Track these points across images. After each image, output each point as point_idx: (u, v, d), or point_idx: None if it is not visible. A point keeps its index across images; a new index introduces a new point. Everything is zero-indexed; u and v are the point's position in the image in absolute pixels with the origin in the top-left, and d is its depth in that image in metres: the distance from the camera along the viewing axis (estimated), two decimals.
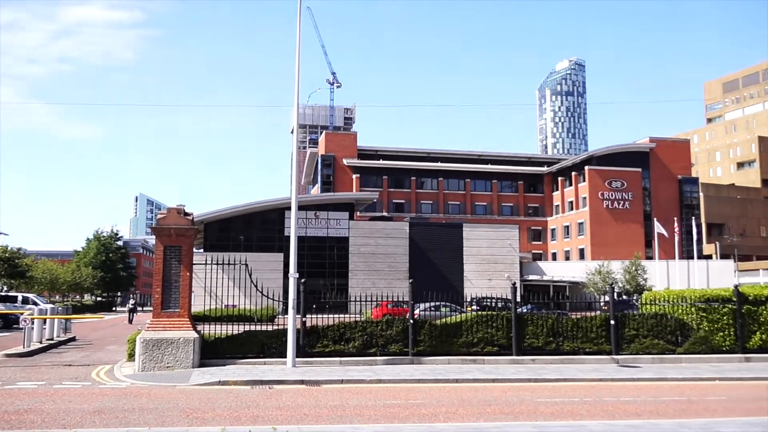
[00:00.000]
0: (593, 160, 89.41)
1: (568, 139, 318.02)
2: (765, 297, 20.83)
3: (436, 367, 18.39)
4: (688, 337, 20.33)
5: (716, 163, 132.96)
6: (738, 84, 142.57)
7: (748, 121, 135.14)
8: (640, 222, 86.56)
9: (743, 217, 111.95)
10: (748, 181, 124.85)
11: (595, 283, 62.97)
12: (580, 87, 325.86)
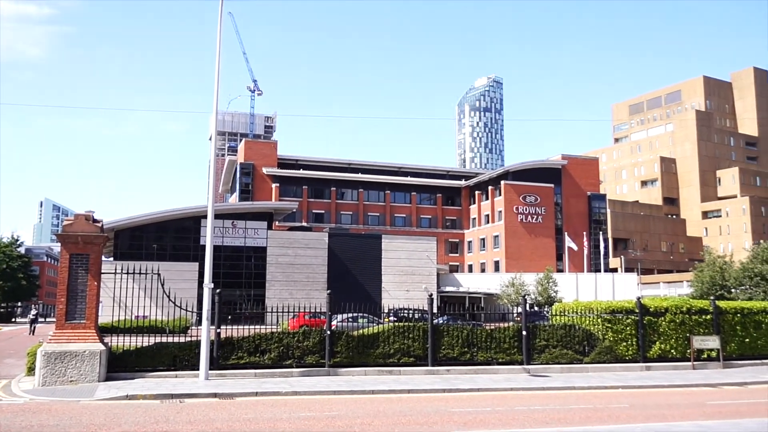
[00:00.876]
0: (509, 175, 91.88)
1: (486, 154, 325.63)
2: (664, 309, 21.93)
3: (353, 379, 18.37)
4: (594, 347, 21.14)
5: (622, 181, 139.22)
6: (643, 107, 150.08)
7: (651, 142, 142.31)
8: (552, 236, 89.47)
9: (646, 233, 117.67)
10: (651, 198, 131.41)
11: (509, 294, 64.55)
12: (498, 104, 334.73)
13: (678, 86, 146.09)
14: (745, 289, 45.12)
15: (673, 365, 21.43)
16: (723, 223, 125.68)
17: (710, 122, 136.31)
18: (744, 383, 18.93)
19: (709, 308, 22.51)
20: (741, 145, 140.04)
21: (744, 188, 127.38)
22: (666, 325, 21.75)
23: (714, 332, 22.17)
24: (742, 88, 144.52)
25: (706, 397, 16.34)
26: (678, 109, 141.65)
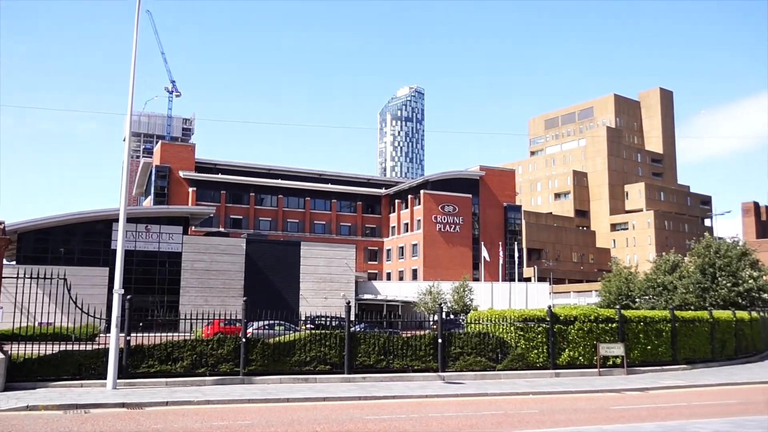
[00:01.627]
0: (428, 184, 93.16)
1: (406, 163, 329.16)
2: (573, 317, 22.75)
3: (268, 387, 18.15)
4: (507, 354, 21.69)
5: (537, 193, 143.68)
6: (558, 122, 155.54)
7: (565, 156, 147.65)
8: (469, 245, 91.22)
9: (558, 244, 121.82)
10: (563, 210, 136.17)
11: (426, 302, 65.32)
12: (419, 114, 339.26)
13: (591, 103, 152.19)
14: (649, 299, 47.28)
15: (580, 372, 22.24)
16: (630, 236, 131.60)
17: (620, 139, 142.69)
18: (645, 389, 19.84)
19: (615, 317, 23.50)
20: (647, 162, 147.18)
21: (649, 203, 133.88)
22: (575, 333, 22.56)
23: (619, 340, 23.15)
24: (649, 107, 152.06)
25: (610, 402, 17.04)
26: (590, 125, 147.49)
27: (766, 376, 23.82)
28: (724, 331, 28.15)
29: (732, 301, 40.84)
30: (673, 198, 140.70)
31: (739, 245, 45.53)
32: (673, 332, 25.04)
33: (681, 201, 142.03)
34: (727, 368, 26.27)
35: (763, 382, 22.38)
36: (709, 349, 26.86)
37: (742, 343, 29.74)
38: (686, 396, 18.63)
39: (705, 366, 26.01)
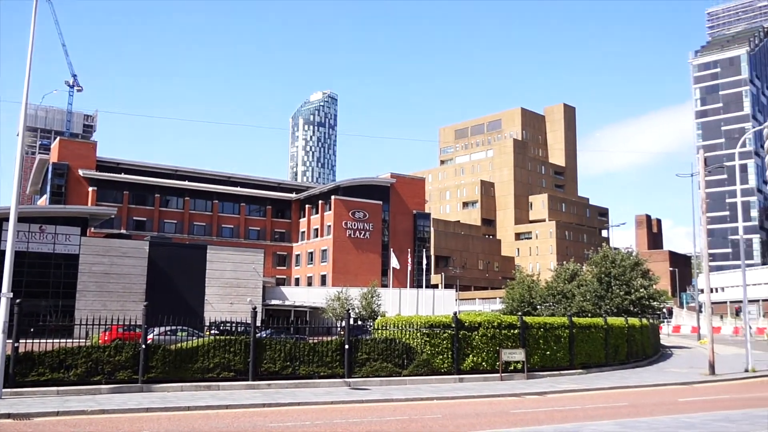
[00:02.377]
0: (339, 190, 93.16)
1: (318, 168, 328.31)
2: (478, 323, 23.28)
3: (168, 395, 17.58)
4: (413, 360, 21.92)
5: (446, 201, 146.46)
6: (467, 132, 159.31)
7: (474, 166, 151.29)
8: (378, 251, 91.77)
9: (465, 251, 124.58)
10: (471, 219, 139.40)
11: (335, 308, 65.19)
12: (332, 119, 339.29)
13: (499, 115, 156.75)
14: (549, 306, 49.10)
15: (483, 377, 22.76)
16: (533, 245, 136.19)
17: (525, 151, 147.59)
18: (544, 393, 20.51)
19: (517, 323, 24.21)
20: (550, 174, 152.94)
21: (552, 213, 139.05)
22: (479, 339, 23.08)
23: (520, 346, 23.86)
24: (554, 121, 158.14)
25: (510, 406, 17.50)
26: (498, 137, 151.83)
27: (654, 379, 25.14)
28: (617, 337, 29.55)
29: (625, 309, 42.97)
30: (574, 209, 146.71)
31: (633, 256, 48.03)
32: (571, 338, 26.04)
33: (581, 212, 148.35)
34: (620, 372, 27.57)
35: (651, 385, 23.63)
36: (603, 354, 28.10)
37: (633, 348, 31.31)
38: (581, 399, 19.38)
39: (599, 370, 27.19)
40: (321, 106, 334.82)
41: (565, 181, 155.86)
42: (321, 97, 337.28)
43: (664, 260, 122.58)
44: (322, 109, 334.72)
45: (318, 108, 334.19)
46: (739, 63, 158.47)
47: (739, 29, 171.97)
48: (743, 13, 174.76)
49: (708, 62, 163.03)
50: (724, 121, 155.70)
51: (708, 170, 32.89)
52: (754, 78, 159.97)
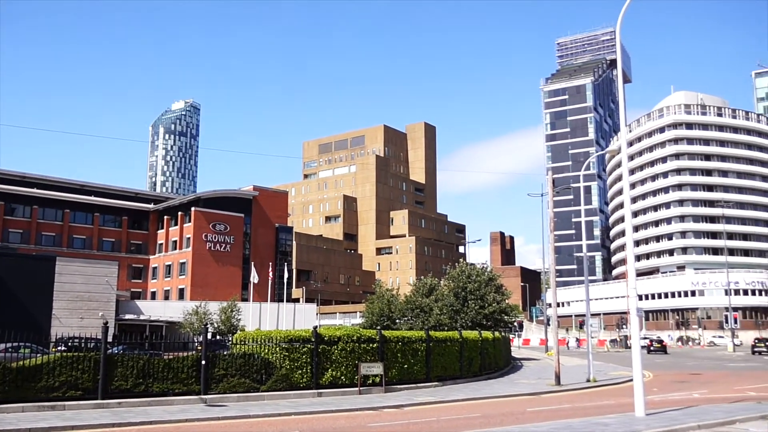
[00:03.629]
0: (200, 201, 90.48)
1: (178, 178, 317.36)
2: (337, 338, 23.44)
3: (7, 416, 16.28)
4: (272, 375, 21.67)
5: (309, 215, 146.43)
6: (331, 147, 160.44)
7: (337, 181, 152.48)
8: (239, 265, 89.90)
9: (327, 266, 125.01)
10: (333, 233, 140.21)
11: (192, 323, 63.06)
12: (194, 129, 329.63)
13: (362, 131, 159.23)
14: (408, 320, 50.17)
15: (342, 391, 22.89)
16: (393, 260, 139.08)
17: (387, 167, 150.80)
18: (401, 405, 20.96)
19: (376, 337, 24.61)
20: (411, 190, 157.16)
21: (411, 229, 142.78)
22: (338, 353, 23.22)
23: (379, 359, 24.26)
24: (415, 139, 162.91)
25: (368, 420, 17.76)
26: (361, 153, 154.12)
27: (505, 390, 26.41)
28: (471, 350, 30.78)
29: (479, 322, 44.81)
30: (433, 225, 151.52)
31: (487, 271, 50.27)
32: (428, 351, 26.82)
33: (439, 228, 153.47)
34: (473, 384, 28.69)
35: (502, 396, 24.79)
36: (458, 367, 29.16)
37: (486, 360, 32.73)
38: (437, 411, 19.97)
39: (454, 382, 28.15)
40: (183, 115, 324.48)
41: (425, 197, 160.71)
42: (183, 106, 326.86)
43: (516, 276, 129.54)
44: (183, 119, 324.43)
45: (180, 117, 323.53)
46: (585, 91, 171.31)
47: (585, 60, 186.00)
48: (589, 45, 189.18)
49: (557, 89, 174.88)
50: (572, 144, 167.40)
51: (556, 191, 35.17)
52: (597, 106, 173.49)
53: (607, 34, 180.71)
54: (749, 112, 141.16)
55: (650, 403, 19.28)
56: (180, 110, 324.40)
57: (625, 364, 42.35)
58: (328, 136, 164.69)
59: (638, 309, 18.24)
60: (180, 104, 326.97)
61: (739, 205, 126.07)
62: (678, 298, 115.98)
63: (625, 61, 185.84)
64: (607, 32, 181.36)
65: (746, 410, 18.50)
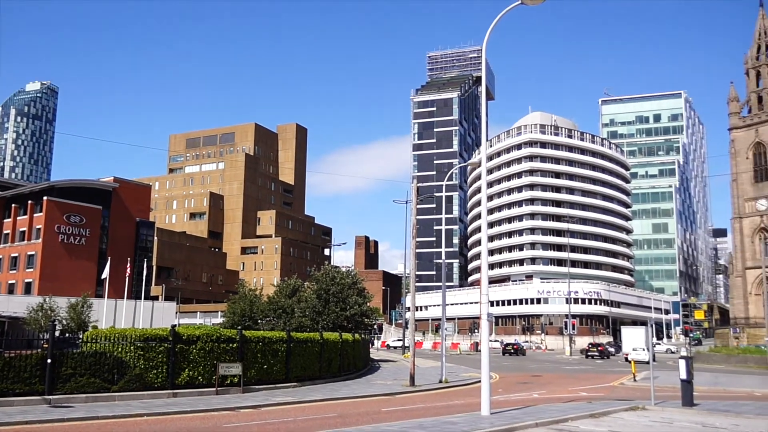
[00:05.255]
0: (54, 190, 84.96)
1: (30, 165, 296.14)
2: (196, 337, 23.04)
3: None
4: (125, 374, 20.93)
5: (173, 211, 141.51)
6: (200, 142, 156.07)
7: (204, 177, 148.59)
8: (95, 259, 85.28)
9: (189, 263, 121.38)
10: (197, 230, 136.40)
11: (38, 319, 59.11)
12: (51, 113, 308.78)
13: (233, 128, 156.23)
14: (270, 321, 49.94)
15: (199, 391, 22.51)
16: (258, 260, 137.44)
17: (257, 166, 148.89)
18: (258, 406, 20.95)
19: (236, 337, 24.41)
20: (280, 191, 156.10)
21: (278, 229, 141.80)
22: (197, 353, 22.82)
23: (238, 360, 24.08)
24: (286, 140, 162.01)
25: (224, 421, 17.64)
26: (230, 150, 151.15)
27: (362, 391, 27.04)
28: (331, 351, 31.22)
29: (340, 324, 45.46)
30: (300, 227, 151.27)
31: (351, 275, 51.07)
32: (288, 352, 26.94)
33: (306, 230, 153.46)
34: (332, 385, 29.13)
35: (359, 396, 25.38)
36: (317, 368, 29.49)
37: (345, 361, 33.30)
38: (294, 411, 20.16)
39: (313, 383, 28.45)
40: (38, 97, 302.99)
41: (293, 198, 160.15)
42: (39, 87, 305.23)
43: (379, 279, 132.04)
44: (39, 101, 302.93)
45: (34, 99, 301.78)
46: (451, 105, 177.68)
47: (453, 74, 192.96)
48: (458, 61, 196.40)
49: (426, 101, 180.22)
50: (437, 155, 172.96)
51: (420, 199, 36.43)
52: (462, 120, 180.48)
53: (475, 52, 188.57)
54: (595, 136, 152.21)
55: (495, 402, 20.52)
56: (35, 92, 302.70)
57: (476, 366, 44.45)
58: (196, 130, 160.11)
59: (489, 314, 19.36)
60: (35, 85, 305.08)
61: (582, 221, 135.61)
62: (525, 305, 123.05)
63: (490, 80, 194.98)
64: (475, 50, 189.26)
65: (577, 409, 20.18)
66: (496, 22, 19.27)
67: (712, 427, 17.71)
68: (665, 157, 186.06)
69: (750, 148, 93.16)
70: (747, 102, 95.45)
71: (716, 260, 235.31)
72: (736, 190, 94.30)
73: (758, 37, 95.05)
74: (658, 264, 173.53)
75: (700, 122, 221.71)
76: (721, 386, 32.81)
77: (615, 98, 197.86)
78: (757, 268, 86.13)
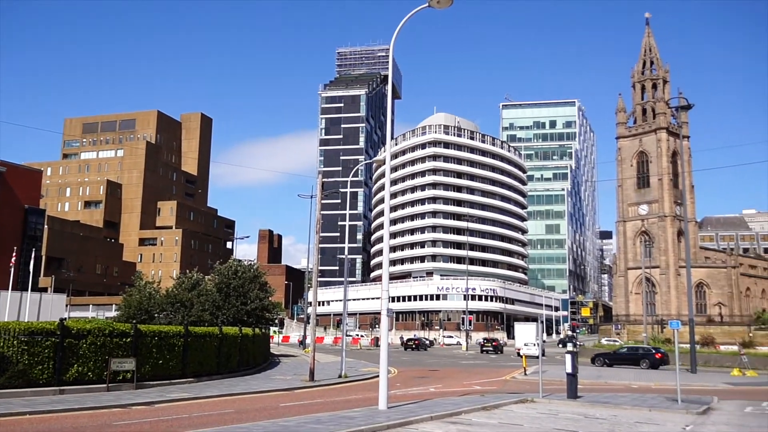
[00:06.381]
0: None
1: None
2: (87, 331, 22.17)
3: None
4: (6, 370, 19.88)
5: (66, 199, 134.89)
6: (97, 127, 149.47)
7: (101, 164, 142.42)
8: None
9: (83, 254, 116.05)
10: (93, 220, 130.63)
11: None
12: None
13: (134, 115, 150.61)
14: (168, 314, 48.50)
15: (88, 388, 21.68)
16: (157, 251, 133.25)
17: (159, 155, 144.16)
18: (152, 402, 20.40)
19: (131, 331, 23.68)
20: (182, 181, 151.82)
21: (179, 221, 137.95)
22: (87, 348, 21.96)
23: (132, 355, 23.36)
24: (190, 129, 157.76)
25: (114, 418, 17.08)
26: (131, 137, 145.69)
27: (260, 386, 26.82)
28: (230, 346, 30.80)
29: (240, 319, 44.84)
30: (202, 219, 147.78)
31: (253, 269, 50.44)
32: (185, 347, 26.38)
33: (208, 222, 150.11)
34: (229, 380, 28.74)
35: (258, 392, 25.18)
36: (216, 363, 29.03)
37: (245, 356, 32.94)
38: (190, 408, 19.78)
39: (210, 379, 28.00)
40: None
41: (196, 190, 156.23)
42: None
43: (282, 274, 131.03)
44: None
45: None
46: (359, 102, 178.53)
47: (362, 72, 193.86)
48: (366, 59, 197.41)
49: (334, 96, 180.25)
50: (343, 151, 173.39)
51: (324, 194, 36.47)
52: (369, 117, 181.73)
53: (383, 51, 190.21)
54: (495, 139, 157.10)
55: (393, 397, 20.93)
56: None
57: (376, 361, 44.94)
58: (94, 115, 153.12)
59: (389, 310, 19.73)
60: None
61: (481, 220, 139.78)
62: (425, 301, 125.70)
63: (397, 79, 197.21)
64: (384, 49, 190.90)
65: (471, 402, 20.91)
66: (403, 23, 19.61)
67: (593, 417, 18.83)
68: (559, 161, 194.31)
69: (634, 157, 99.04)
70: (633, 113, 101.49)
71: (602, 260, 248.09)
72: (621, 195, 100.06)
73: (644, 53, 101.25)
74: (550, 263, 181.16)
75: (591, 130, 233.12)
76: (603, 380, 34.78)
77: (515, 103, 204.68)
78: (637, 268, 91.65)
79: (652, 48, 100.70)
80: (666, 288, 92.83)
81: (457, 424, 16.61)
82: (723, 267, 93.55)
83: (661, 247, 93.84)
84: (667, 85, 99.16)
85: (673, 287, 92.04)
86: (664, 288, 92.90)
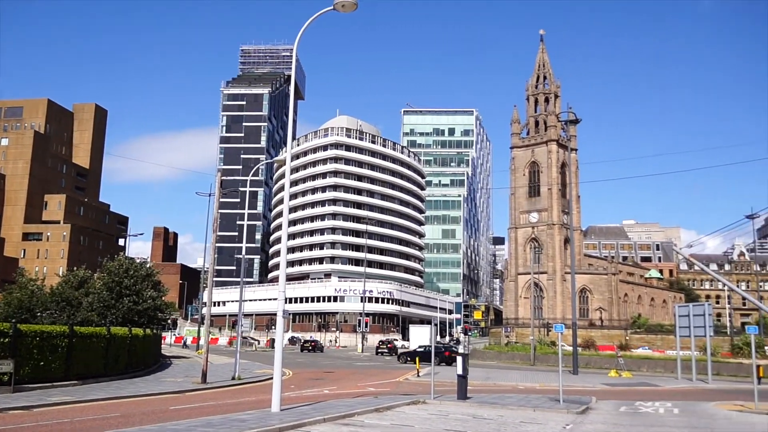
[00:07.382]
0: None
1: None
2: None
3: None
4: None
5: None
6: None
7: None
8: None
9: None
10: None
11: None
12: None
13: (21, 102, 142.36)
14: (52, 313, 46.25)
15: None
16: (43, 247, 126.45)
17: (47, 146, 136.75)
18: (31, 406, 19.48)
19: (9, 331, 22.53)
20: (72, 174, 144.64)
21: (68, 215, 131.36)
22: None
23: (11, 356, 22.25)
24: (83, 120, 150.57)
25: None
26: (17, 126, 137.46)
27: (150, 389, 26.18)
28: (119, 347, 29.88)
29: (131, 319, 43.45)
30: (93, 214, 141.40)
31: (146, 267, 48.98)
32: (70, 348, 25.39)
33: (100, 218, 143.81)
34: (117, 382, 27.87)
35: (147, 394, 24.59)
36: (103, 365, 28.09)
37: (134, 358, 32.02)
38: (73, 412, 19.07)
39: (96, 381, 27.06)
40: None
41: (87, 184, 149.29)
42: None
43: (176, 273, 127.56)
44: None
45: None
46: (262, 101, 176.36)
47: (265, 71, 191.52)
48: (270, 58, 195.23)
49: (237, 94, 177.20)
50: (244, 150, 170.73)
51: (223, 192, 36.01)
52: (272, 116, 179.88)
53: (287, 50, 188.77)
54: (396, 144, 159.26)
55: (287, 399, 21.05)
56: None
57: (271, 363, 44.60)
58: None
59: (285, 311, 19.82)
60: None
61: (380, 223, 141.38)
62: (323, 302, 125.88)
63: (301, 79, 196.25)
64: (288, 48, 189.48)
65: (364, 404, 21.33)
66: (308, 24, 19.79)
67: (481, 418, 19.71)
68: (456, 168, 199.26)
69: (527, 166, 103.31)
70: (527, 125, 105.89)
71: (494, 266, 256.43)
72: (513, 203, 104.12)
73: (538, 68, 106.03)
74: (446, 267, 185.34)
75: (488, 139, 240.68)
76: (492, 381, 36.24)
77: (416, 110, 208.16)
78: (527, 274, 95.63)
79: (546, 63, 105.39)
80: (553, 293, 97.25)
81: (349, 426, 16.93)
82: (604, 274, 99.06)
83: (549, 254, 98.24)
84: (558, 100, 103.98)
85: (559, 292, 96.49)
86: (551, 293, 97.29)
